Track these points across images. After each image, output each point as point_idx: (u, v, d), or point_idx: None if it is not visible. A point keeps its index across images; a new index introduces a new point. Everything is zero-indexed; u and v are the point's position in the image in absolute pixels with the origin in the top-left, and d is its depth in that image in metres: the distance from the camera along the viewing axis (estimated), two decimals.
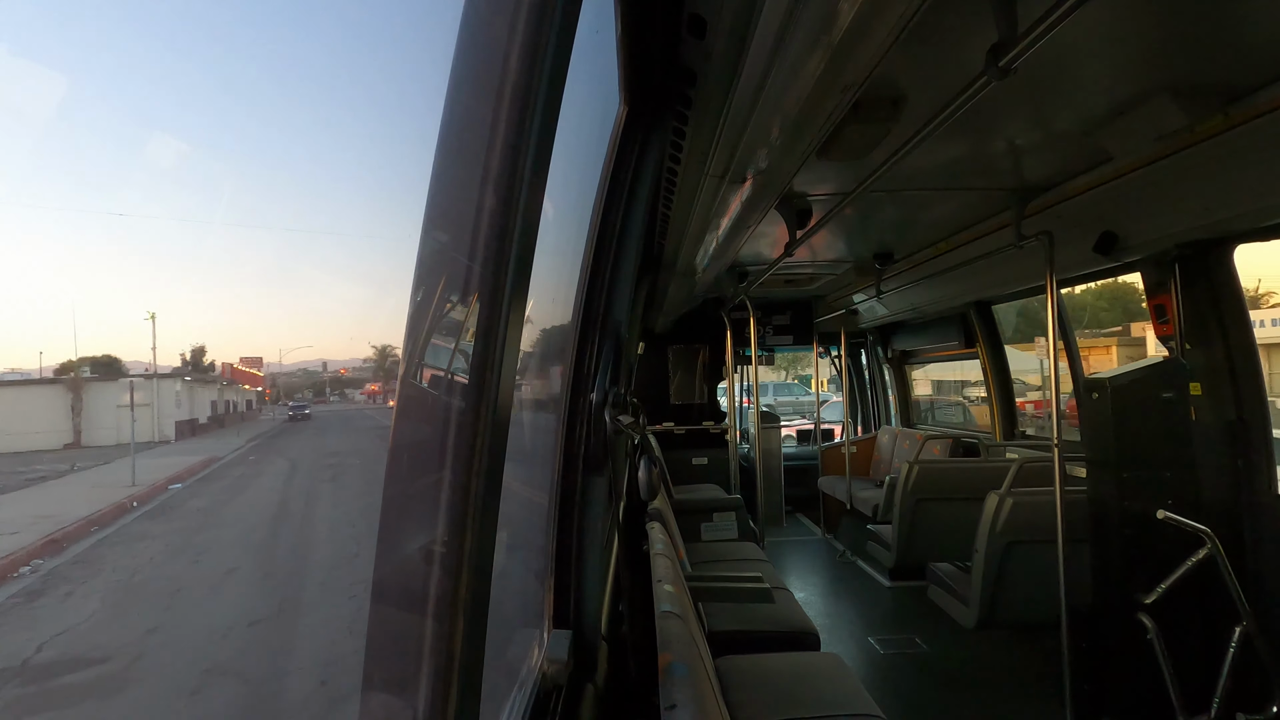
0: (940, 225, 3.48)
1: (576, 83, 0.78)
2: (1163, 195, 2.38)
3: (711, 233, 2.70)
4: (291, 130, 54.45)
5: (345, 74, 67.40)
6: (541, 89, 0.57)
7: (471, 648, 0.58)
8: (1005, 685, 3.14)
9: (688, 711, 1.23)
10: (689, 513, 4.38)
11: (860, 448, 6.50)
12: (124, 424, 24.23)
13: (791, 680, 2.26)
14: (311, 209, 49.08)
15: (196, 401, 29.49)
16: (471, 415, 0.56)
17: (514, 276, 0.58)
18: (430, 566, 0.55)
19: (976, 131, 2.20)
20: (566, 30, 0.62)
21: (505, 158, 0.55)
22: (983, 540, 3.21)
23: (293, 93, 55.04)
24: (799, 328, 6.33)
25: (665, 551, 2.32)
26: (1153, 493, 2.50)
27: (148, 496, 11.98)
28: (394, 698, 0.56)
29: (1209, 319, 2.66)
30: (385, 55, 75.10)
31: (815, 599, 4.44)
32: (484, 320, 0.56)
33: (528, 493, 1.47)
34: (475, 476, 0.56)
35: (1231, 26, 1.55)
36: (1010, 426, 4.89)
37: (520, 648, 1.37)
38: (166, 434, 26.39)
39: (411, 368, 0.57)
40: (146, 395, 24.94)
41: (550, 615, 1.44)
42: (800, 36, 1.14)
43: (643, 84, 1.43)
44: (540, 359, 1.58)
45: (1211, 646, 2.41)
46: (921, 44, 1.58)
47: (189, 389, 29.83)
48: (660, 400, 6.53)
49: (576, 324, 1.55)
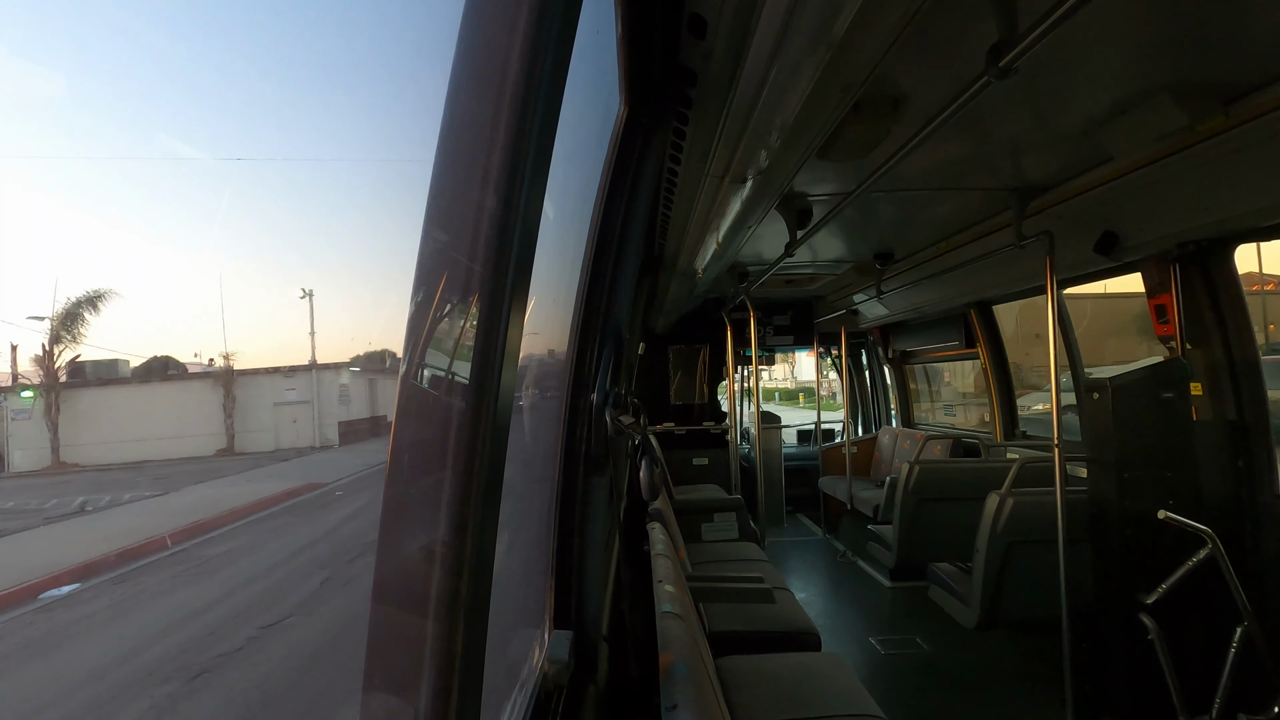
0: (941, 225, 3.48)
1: (576, 83, 0.78)
2: (1163, 195, 2.38)
3: (712, 233, 2.70)
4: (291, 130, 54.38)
5: (345, 74, 67.26)
6: (541, 89, 0.57)
7: (472, 648, 0.58)
8: (1006, 685, 3.14)
9: (689, 712, 1.23)
10: (690, 513, 4.38)
11: (861, 448, 6.50)
12: (282, 426, 21.76)
13: (792, 680, 2.26)
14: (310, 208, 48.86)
15: (356, 396, 23.94)
16: (472, 415, 0.56)
17: (514, 276, 0.58)
18: (431, 566, 0.55)
19: (977, 131, 2.20)
20: (566, 30, 0.62)
21: (505, 158, 0.55)
22: (983, 540, 3.21)
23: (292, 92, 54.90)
24: (799, 328, 6.33)
25: (666, 552, 2.32)
26: (1154, 493, 2.49)
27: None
28: (395, 698, 0.56)
29: (1209, 319, 2.66)
30: (385, 55, 75.38)
31: (816, 599, 4.43)
32: (484, 320, 0.56)
33: (528, 493, 1.47)
34: (475, 476, 0.56)
35: (1231, 26, 1.55)
36: (1011, 426, 4.88)
37: (521, 648, 1.37)
38: (329, 438, 22.08)
39: (411, 368, 0.57)
40: (304, 391, 22.07)
41: (551, 615, 1.44)
42: (800, 36, 1.14)
43: (643, 84, 1.43)
44: (541, 359, 1.58)
45: (1213, 646, 2.40)
46: (921, 44, 1.58)
47: (365, 381, 24.43)
48: (661, 400, 6.53)
49: (577, 324, 1.55)
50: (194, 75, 30.23)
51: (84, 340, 19.96)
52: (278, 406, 21.97)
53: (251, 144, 31.70)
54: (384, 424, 23.35)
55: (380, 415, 24.57)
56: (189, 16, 30.08)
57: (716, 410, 6.61)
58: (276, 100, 33.49)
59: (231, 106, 31.96)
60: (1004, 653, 3.44)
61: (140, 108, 29.30)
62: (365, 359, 24.61)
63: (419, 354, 0.56)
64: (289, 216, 34.71)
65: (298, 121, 34.42)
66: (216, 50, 30.89)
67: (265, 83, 34.09)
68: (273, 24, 35.09)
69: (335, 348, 26.28)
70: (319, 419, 22.34)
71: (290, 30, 35.88)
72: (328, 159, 40.71)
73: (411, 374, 0.57)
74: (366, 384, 24.66)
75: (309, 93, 36.89)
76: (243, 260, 34.11)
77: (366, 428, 23.52)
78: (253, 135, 32.42)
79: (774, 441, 6.52)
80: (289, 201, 33.93)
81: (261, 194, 33.34)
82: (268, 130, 33.02)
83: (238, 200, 28.75)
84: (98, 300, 19.70)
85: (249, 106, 32.14)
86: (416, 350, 0.56)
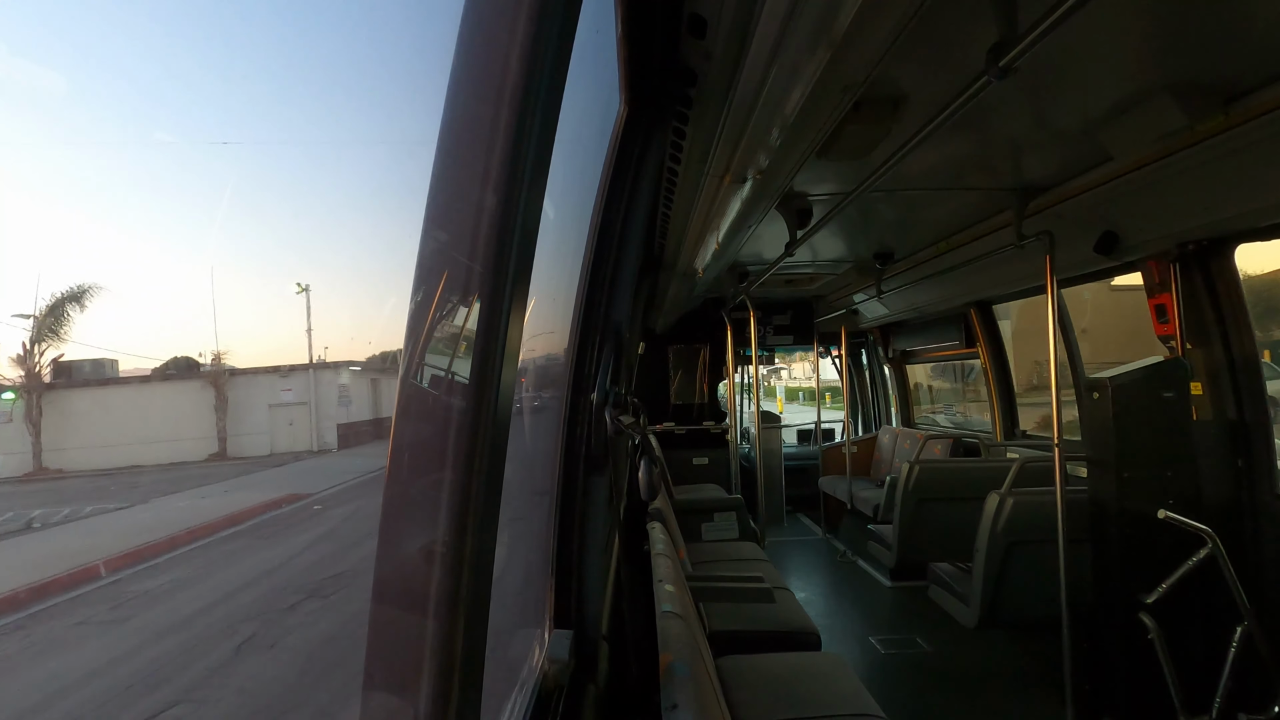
0: (941, 225, 3.48)
1: (576, 83, 0.78)
2: (1163, 195, 2.38)
3: (712, 233, 2.70)
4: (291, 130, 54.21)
5: (345, 73, 67.02)
6: (541, 89, 0.57)
7: (472, 647, 0.58)
8: (1006, 685, 3.14)
9: (689, 711, 1.23)
10: (690, 513, 4.38)
11: (861, 447, 6.50)
12: (278, 429, 20.73)
13: (792, 680, 2.26)
14: (309, 208, 48.76)
15: (358, 397, 22.81)
16: (472, 415, 0.56)
17: (514, 276, 0.58)
18: (431, 566, 0.55)
19: (977, 131, 2.20)
20: (566, 30, 0.62)
21: (505, 158, 0.55)
22: (983, 540, 3.21)
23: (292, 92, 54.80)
24: (799, 327, 6.33)
25: (666, 551, 2.32)
26: (1154, 492, 2.49)
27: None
28: (395, 697, 0.57)
29: (1209, 319, 2.66)
30: (385, 55, 75.12)
31: (816, 599, 4.43)
32: (484, 320, 0.56)
33: (529, 492, 1.47)
34: (475, 476, 0.56)
35: (1231, 26, 1.55)
36: (1011, 426, 4.88)
37: (521, 648, 1.37)
38: (328, 441, 21.25)
39: (411, 368, 0.57)
40: (301, 392, 21.10)
41: (551, 615, 1.44)
42: (800, 36, 1.14)
43: (643, 84, 1.43)
44: (541, 359, 1.58)
45: (1213, 646, 2.40)
46: (921, 44, 1.58)
47: (367, 382, 23.32)
48: (661, 400, 6.53)
49: (577, 324, 1.55)
50: (193, 74, 30.23)
51: (69, 339, 18.85)
52: (274, 408, 21.02)
53: (251, 143, 31.69)
54: (386, 426, 21.60)
55: (384, 417, 23.03)
56: (189, 15, 30.08)
57: (717, 410, 6.61)
58: (276, 100, 33.50)
59: (232, 106, 31.97)
60: (1004, 653, 3.44)
61: (140, 106, 29.28)
62: (368, 359, 23.69)
63: (419, 354, 0.56)
64: (289, 215, 34.68)
65: (298, 121, 34.42)
66: (216, 49, 30.89)
67: (265, 82, 34.10)
68: (273, 23, 35.10)
69: (337, 348, 25.89)
70: (317, 421, 21.31)
71: (290, 30, 35.89)
72: (328, 157, 40.68)
73: (411, 374, 0.57)
74: (369, 384, 23.76)
75: (309, 93, 36.90)
76: (241, 257, 33.94)
77: (369, 430, 22.64)
78: (253, 135, 32.40)
79: (774, 441, 6.52)
80: (289, 202, 33.90)
81: (261, 192, 33.31)
82: (268, 130, 33.02)
83: (235, 198, 28.63)
84: (82, 296, 18.60)
85: (249, 106, 32.14)
86: (416, 350, 0.56)
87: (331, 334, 41.99)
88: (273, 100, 33.28)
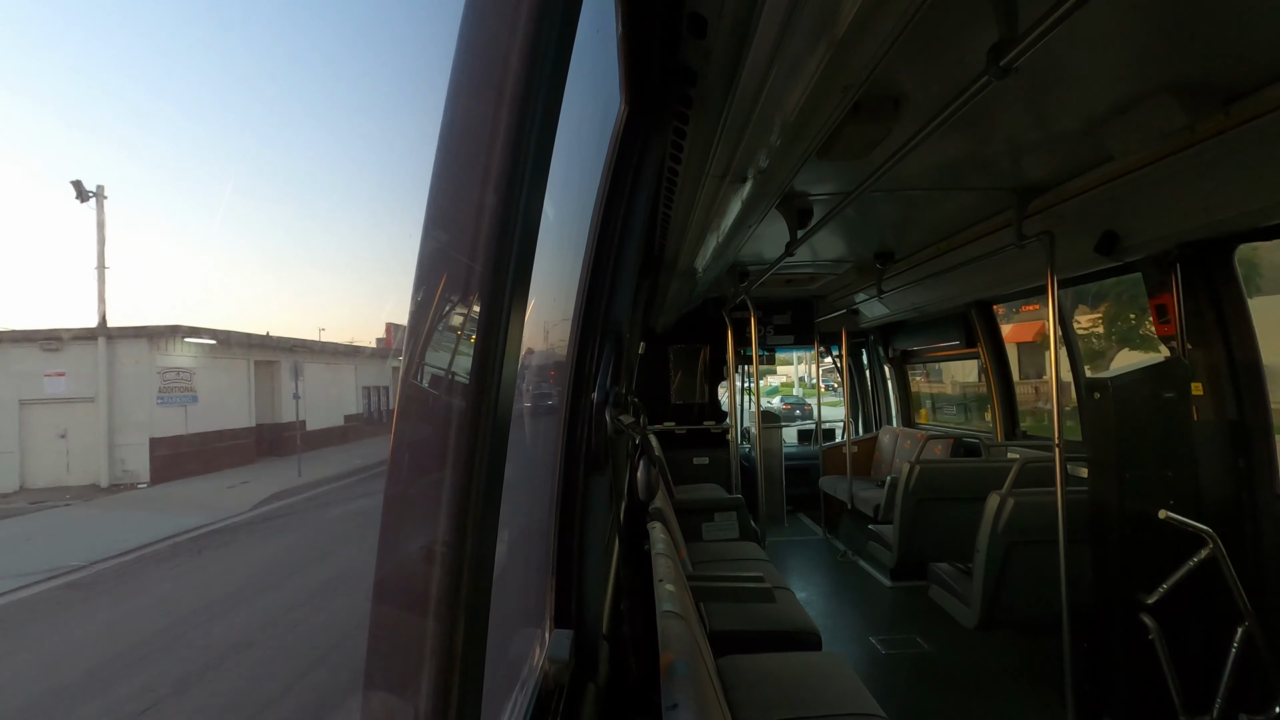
0: (941, 225, 3.48)
1: (577, 83, 0.78)
2: (1163, 195, 2.38)
3: (712, 233, 2.70)
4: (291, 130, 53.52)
5: (345, 73, 66.68)
6: (541, 89, 0.57)
7: (472, 647, 0.58)
8: (1006, 685, 3.14)
9: (689, 711, 1.23)
10: (690, 512, 4.38)
11: (861, 447, 6.51)
12: (38, 444, 12.11)
13: (793, 680, 2.26)
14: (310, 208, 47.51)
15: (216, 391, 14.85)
16: (472, 415, 0.56)
17: (514, 276, 0.58)
18: (431, 566, 0.55)
19: (977, 131, 2.20)
20: (566, 30, 0.62)
21: (505, 158, 0.55)
22: (984, 540, 3.21)
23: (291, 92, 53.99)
24: (800, 327, 6.33)
25: (666, 551, 2.32)
26: (1154, 492, 2.49)
27: None
28: (395, 697, 0.57)
29: (1210, 319, 2.66)
30: (385, 55, 74.70)
31: (816, 599, 4.43)
32: (484, 320, 0.56)
33: (529, 492, 1.47)
34: (476, 476, 0.56)
35: (1231, 26, 1.55)
36: (1011, 426, 4.88)
37: (521, 647, 1.37)
38: (132, 469, 13.22)
39: (412, 368, 0.57)
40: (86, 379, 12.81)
41: (551, 615, 1.44)
42: (800, 36, 1.14)
43: (643, 84, 1.43)
44: (541, 358, 1.58)
45: (1213, 647, 2.40)
46: (921, 44, 1.58)
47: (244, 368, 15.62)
48: (661, 400, 6.53)
49: (577, 324, 1.55)
50: (193, 73, 30.21)
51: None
52: (28, 406, 12.55)
53: (251, 143, 31.66)
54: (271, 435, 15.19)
55: (287, 421, 15.25)
56: (190, 14, 30.08)
57: (717, 410, 6.62)
58: (276, 99, 33.49)
59: (231, 104, 31.95)
60: (1004, 653, 3.44)
61: (140, 104, 29.23)
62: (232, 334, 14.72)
63: (419, 354, 0.57)
64: (289, 214, 34.56)
65: (298, 120, 34.42)
66: (217, 48, 30.89)
67: (265, 82, 34.10)
68: (274, 23, 35.12)
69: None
70: (112, 432, 12.82)
71: (291, 29, 35.92)
72: (328, 156, 40.63)
73: (411, 373, 0.57)
74: (248, 372, 15.81)
75: (309, 92, 36.90)
76: (239, 251, 33.28)
77: (250, 445, 14.85)
78: (252, 134, 32.37)
79: (774, 441, 6.53)
80: (290, 201, 33.82)
81: (260, 191, 33.20)
82: (268, 129, 33.01)
83: (235, 196, 28.45)
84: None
85: (248, 105, 32.13)
86: (417, 350, 0.56)
87: (331, 333, 41.14)
88: (273, 99, 33.27)
